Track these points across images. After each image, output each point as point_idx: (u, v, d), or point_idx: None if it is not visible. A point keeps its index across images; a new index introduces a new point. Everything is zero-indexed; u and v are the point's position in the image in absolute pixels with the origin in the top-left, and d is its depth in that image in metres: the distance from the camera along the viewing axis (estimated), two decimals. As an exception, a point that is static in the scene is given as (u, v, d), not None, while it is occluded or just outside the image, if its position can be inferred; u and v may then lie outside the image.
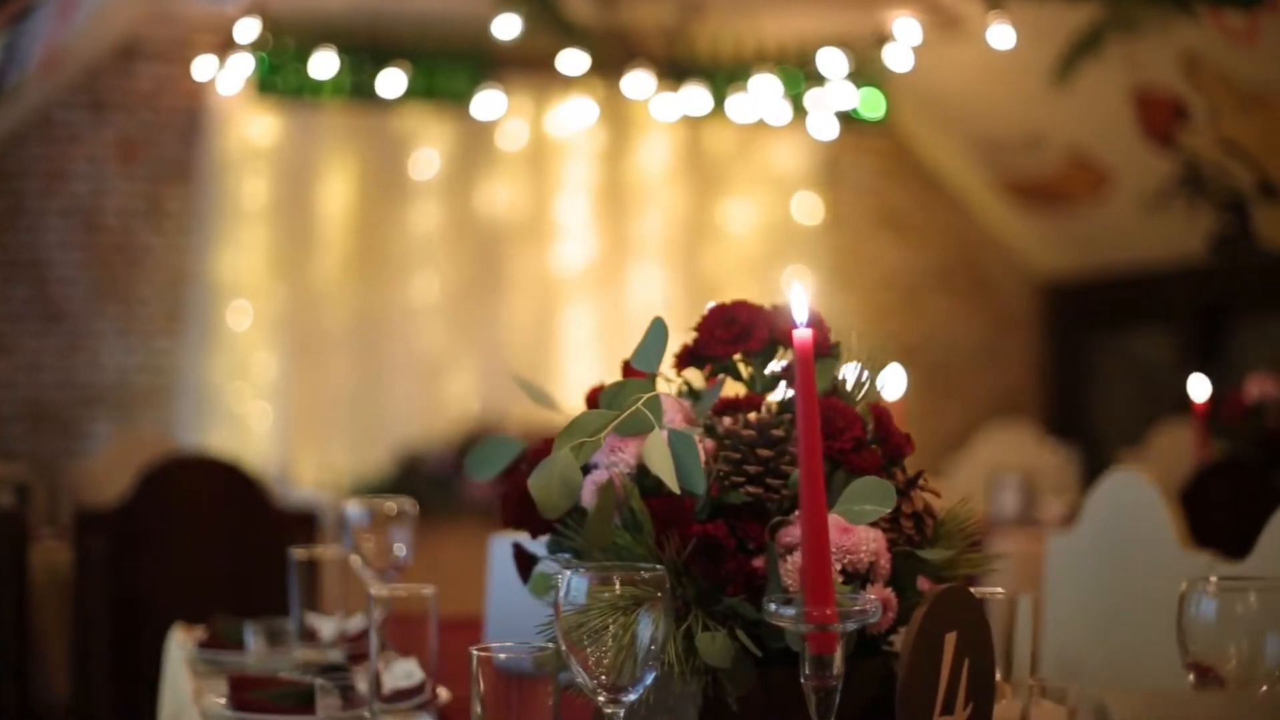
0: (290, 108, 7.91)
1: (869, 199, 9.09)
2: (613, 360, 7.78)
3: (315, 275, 7.96)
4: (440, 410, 7.97)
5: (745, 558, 1.89)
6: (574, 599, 1.70)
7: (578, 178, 8.38)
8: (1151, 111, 7.44)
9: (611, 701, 1.73)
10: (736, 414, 2.00)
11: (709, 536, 1.88)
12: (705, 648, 1.83)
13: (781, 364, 2.13)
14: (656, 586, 1.70)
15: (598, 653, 1.71)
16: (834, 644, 1.75)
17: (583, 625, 1.71)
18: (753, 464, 1.93)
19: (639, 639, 1.69)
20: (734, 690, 1.87)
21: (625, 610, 1.70)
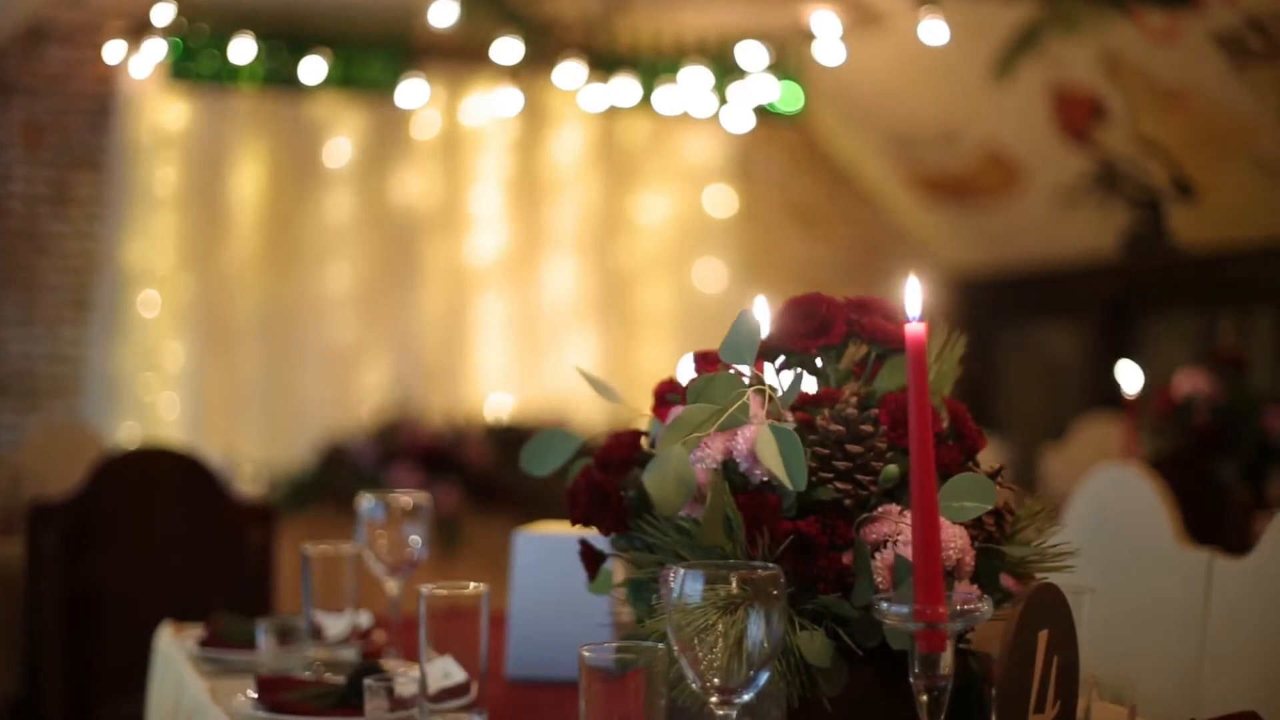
0: (203, 94, 7.77)
1: (780, 192, 9.10)
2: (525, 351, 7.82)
3: (226, 264, 7.83)
4: (354, 400, 7.88)
5: (836, 555, 1.86)
6: (687, 597, 1.66)
7: (492, 168, 8.32)
8: (1069, 109, 7.50)
9: (724, 704, 1.69)
10: (815, 409, 1.97)
11: (802, 534, 1.85)
12: (805, 647, 1.80)
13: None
14: (771, 585, 1.66)
15: (706, 653, 1.67)
16: (944, 643, 1.72)
17: (690, 624, 1.67)
18: (841, 460, 1.90)
19: (749, 638, 1.65)
20: (829, 690, 1.84)
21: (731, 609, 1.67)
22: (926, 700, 1.72)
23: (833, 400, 1.98)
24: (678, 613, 1.67)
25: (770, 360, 2.05)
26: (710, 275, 8.72)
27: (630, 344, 8.52)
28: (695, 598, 1.66)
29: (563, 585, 2.61)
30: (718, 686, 1.68)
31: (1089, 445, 6.67)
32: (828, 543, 1.86)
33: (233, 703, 2.38)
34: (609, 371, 8.37)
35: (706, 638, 1.67)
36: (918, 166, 8.70)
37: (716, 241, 8.77)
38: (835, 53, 6.93)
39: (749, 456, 1.86)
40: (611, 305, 8.50)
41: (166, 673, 2.82)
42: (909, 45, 7.40)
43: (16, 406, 7.68)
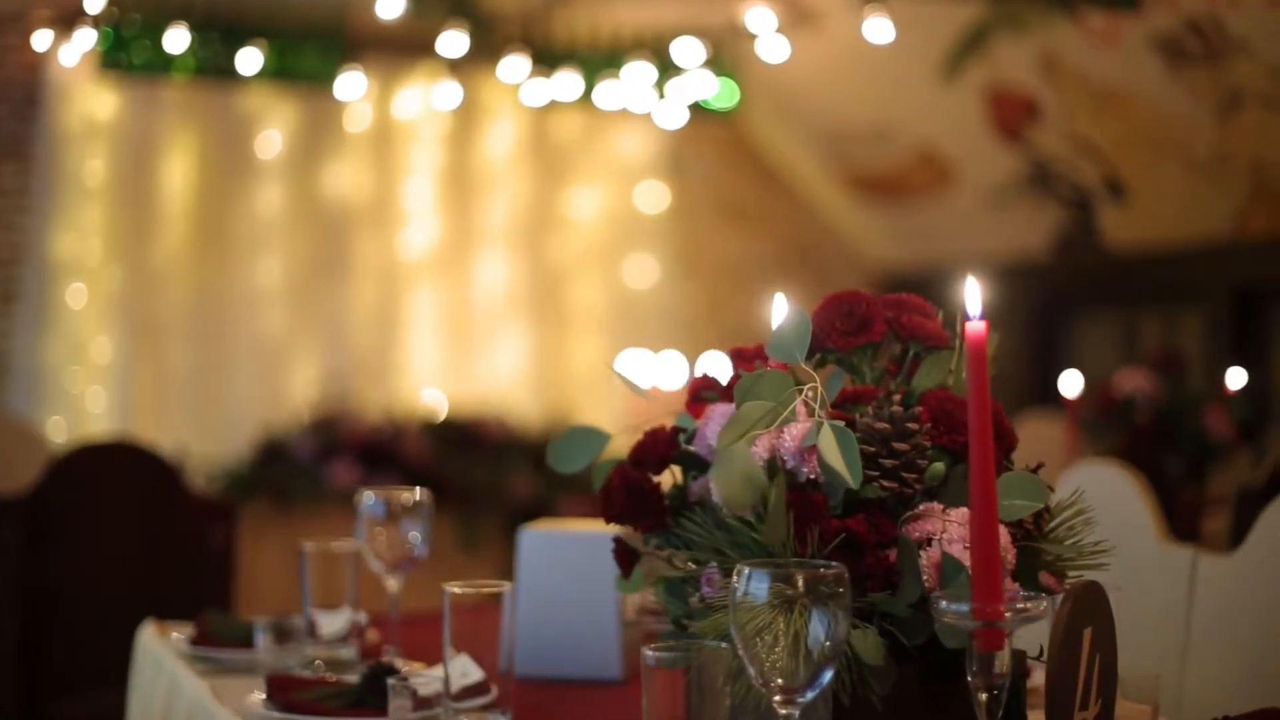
0: (134, 84, 7.67)
1: (711, 189, 9.11)
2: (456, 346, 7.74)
3: (156, 256, 7.73)
4: (286, 394, 7.80)
5: (883, 553, 1.86)
6: (753, 596, 1.65)
7: (424, 162, 8.27)
8: (1004, 109, 7.55)
9: (787, 702, 1.68)
10: (855, 407, 1.96)
11: (851, 532, 1.84)
12: (859, 645, 1.79)
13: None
14: (837, 583, 1.65)
15: (770, 652, 1.66)
16: (1003, 641, 1.72)
17: (751, 622, 1.66)
18: (887, 458, 1.89)
19: (814, 637, 1.64)
20: (880, 688, 1.83)
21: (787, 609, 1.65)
22: (986, 699, 1.72)
23: (871, 398, 1.98)
24: (741, 611, 1.66)
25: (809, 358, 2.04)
26: (641, 271, 8.71)
27: (562, 339, 8.49)
28: (760, 596, 1.64)
29: (567, 582, 2.60)
30: (780, 686, 1.67)
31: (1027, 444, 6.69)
32: (875, 541, 1.85)
33: (244, 703, 2.34)
34: (540, 367, 8.35)
35: (765, 636, 1.66)
36: (849, 164, 8.73)
37: (648, 237, 8.75)
38: (778, 49, 6.93)
39: (797, 454, 1.85)
40: (543, 301, 8.47)
41: (156, 672, 2.78)
42: (844, 43, 7.43)
43: (-60, 399, 7.56)
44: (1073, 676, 1.83)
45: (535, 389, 8.28)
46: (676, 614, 2.02)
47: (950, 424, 1.95)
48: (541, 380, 8.35)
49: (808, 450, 1.84)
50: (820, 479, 1.86)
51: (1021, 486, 1.87)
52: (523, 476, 7.22)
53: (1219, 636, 2.96)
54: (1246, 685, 2.88)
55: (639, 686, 2.57)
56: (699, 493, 1.98)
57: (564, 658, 2.58)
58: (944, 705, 1.92)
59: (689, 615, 1.99)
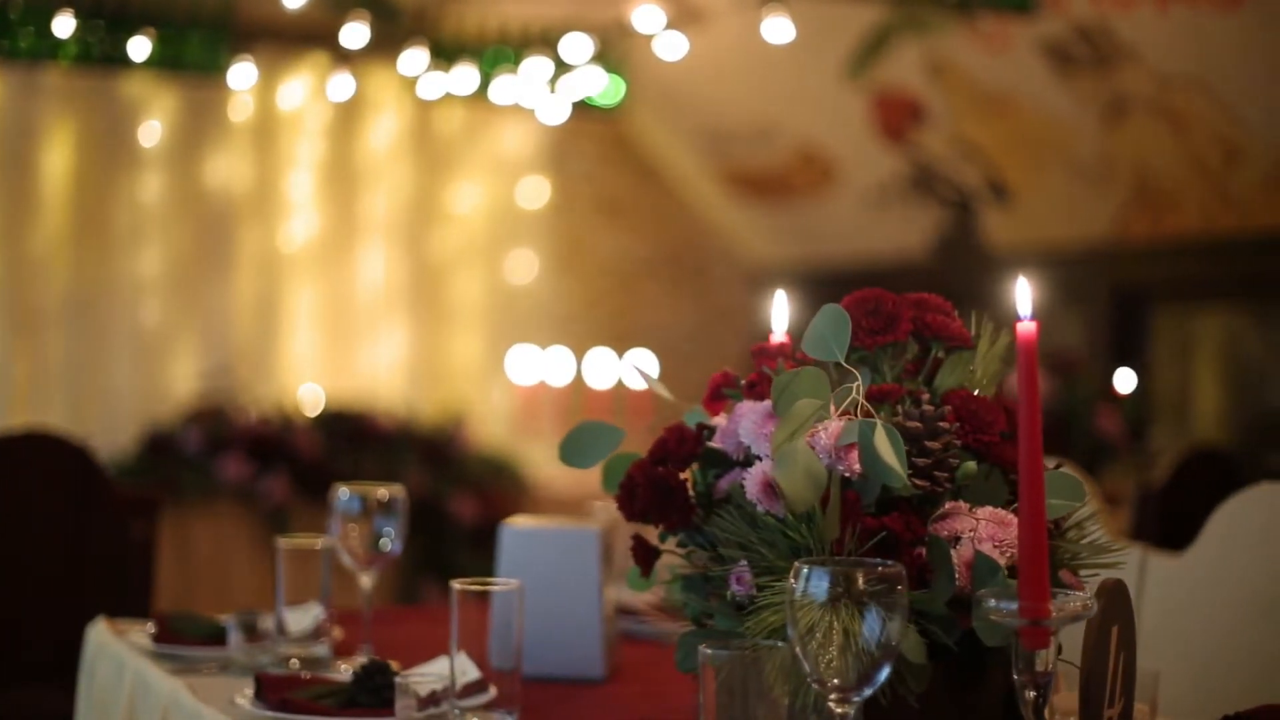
0: (15, 70, 7.50)
1: (590, 185, 9.10)
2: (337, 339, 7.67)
3: (34, 244, 7.57)
4: (166, 386, 7.67)
5: (917, 551, 1.87)
6: (812, 595, 1.65)
7: (306, 154, 8.17)
8: (889, 110, 7.62)
9: (842, 701, 1.68)
10: (879, 405, 1.97)
11: (888, 530, 1.85)
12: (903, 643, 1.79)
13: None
14: (897, 581, 1.66)
15: (825, 651, 1.66)
16: (1048, 639, 1.74)
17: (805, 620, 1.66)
18: (919, 456, 1.90)
19: (869, 636, 1.65)
20: (917, 686, 1.84)
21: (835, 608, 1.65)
22: (1032, 697, 1.74)
23: (894, 397, 1.98)
24: (799, 610, 1.65)
25: (831, 356, 2.05)
26: (522, 266, 8.68)
27: (441, 334, 8.44)
28: (820, 595, 1.64)
29: (548, 579, 2.58)
30: (836, 685, 1.67)
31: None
32: (912, 539, 1.86)
33: (233, 701, 2.30)
34: (420, 361, 8.30)
35: (819, 635, 1.66)
36: (730, 162, 8.76)
37: (528, 233, 8.73)
38: (674, 45, 6.94)
39: (832, 451, 1.85)
40: (423, 295, 8.41)
41: (116, 671, 2.71)
42: (726, 41, 7.47)
43: None
44: (1104, 674, 1.85)
45: (416, 382, 8.22)
46: (696, 612, 2.01)
47: (976, 423, 1.96)
48: (423, 374, 8.30)
49: (844, 448, 1.85)
50: (854, 477, 1.86)
51: (1062, 486, 1.90)
52: (414, 471, 7.16)
53: (1168, 636, 3.01)
54: (1196, 685, 2.93)
55: (621, 685, 2.58)
56: (727, 490, 1.97)
57: (545, 656, 2.56)
58: (973, 703, 1.93)
59: (709, 613, 1.99)
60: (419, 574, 7.03)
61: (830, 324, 1.92)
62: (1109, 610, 1.86)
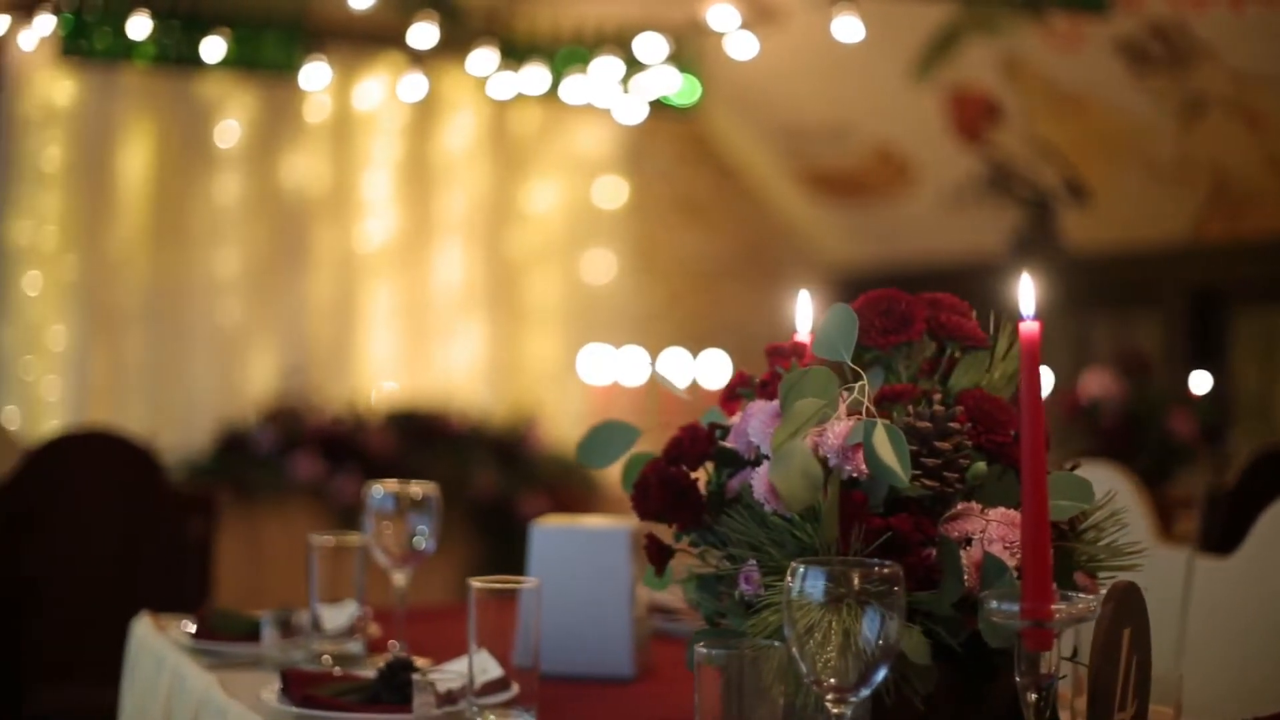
0: (93, 70, 7.60)
1: (668, 185, 9.11)
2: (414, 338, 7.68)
3: (113, 244, 7.67)
4: (243, 385, 7.75)
5: (925, 552, 1.86)
6: (809, 594, 1.64)
7: (383, 153, 8.23)
8: (964, 109, 7.57)
9: (839, 701, 1.68)
10: (892, 405, 1.96)
11: (896, 531, 1.84)
12: (905, 644, 1.79)
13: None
14: (894, 582, 1.65)
15: (823, 651, 1.65)
16: (1051, 641, 1.73)
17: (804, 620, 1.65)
18: (929, 456, 1.89)
19: (866, 636, 1.64)
20: (923, 687, 1.83)
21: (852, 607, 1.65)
22: (1034, 699, 1.73)
23: (908, 397, 1.98)
24: (797, 610, 1.65)
25: (847, 356, 2.04)
26: (599, 266, 8.70)
27: (518, 333, 8.47)
28: (816, 595, 1.64)
29: (578, 578, 2.59)
30: (833, 685, 1.66)
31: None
32: (920, 540, 1.85)
33: (257, 698, 2.32)
34: (497, 360, 8.33)
35: (817, 635, 1.65)
36: (807, 162, 8.74)
37: (605, 232, 8.75)
38: (745, 45, 6.92)
39: (839, 451, 1.85)
40: (500, 294, 8.45)
41: (156, 666, 2.74)
42: (805, 41, 7.44)
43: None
44: (1114, 677, 1.84)
45: (492, 382, 8.26)
46: (709, 611, 2.01)
47: (989, 424, 1.95)
48: (498, 373, 8.33)
49: (851, 448, 1.84)
50: (862, 477, 1.86)
51: (1069, 487, 1.88)
52: (485, 470, 7.19)
53: (1214, 638, 2.98)
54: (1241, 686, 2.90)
55: (651, 684, 2.58)
56: (738, 489, 1.97)
57: (575, 655, 2.56)
58: (980, 705, 1.92)
59: (722, 613, 1.99)
60: (487, 573, 7.04)
61: (838, 324, 1.92)
62: (1119, 613, 1.85)
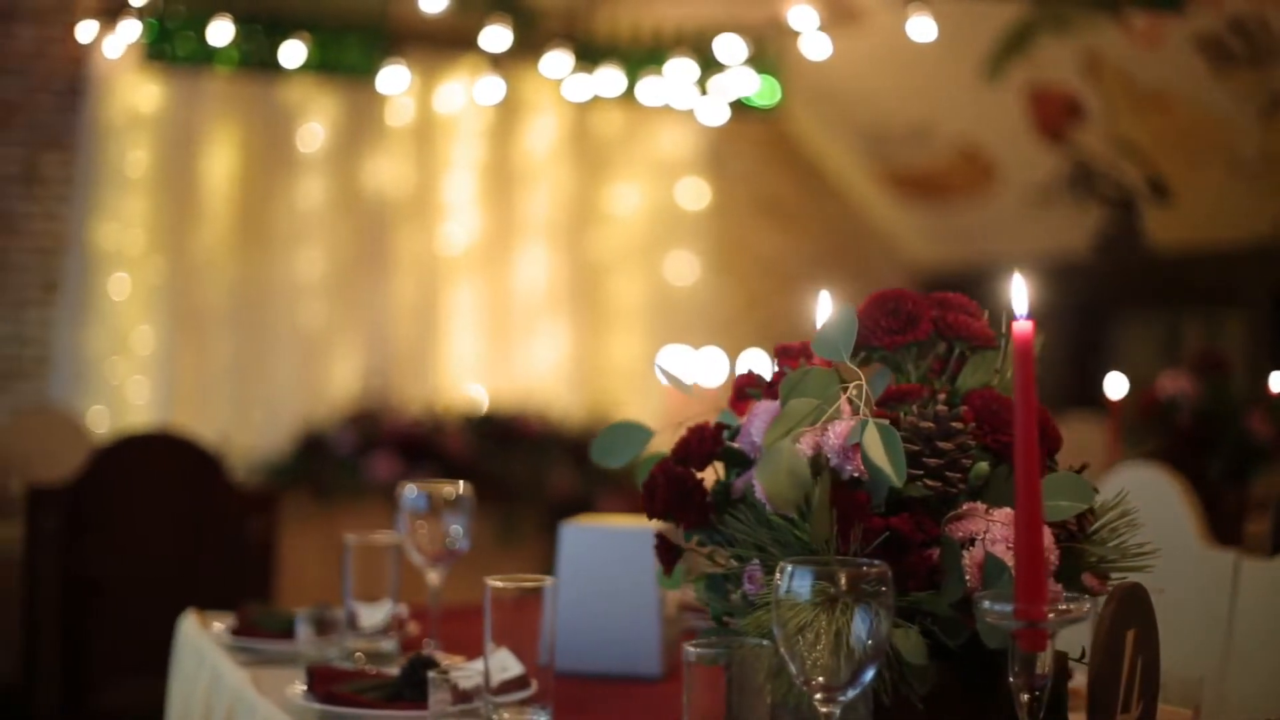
0: (177, 76, 7.70)
1: (751, 186, 9.11)
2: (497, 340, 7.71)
3: (198, 247, 7.77)
4: (326, 388, 7.83)
5: (926, 552, 1.85)
6: (796, 593, 1.65)
7: (466, 156, 8.28)
8: (1045, 108, 7.52)
9: (828, 700, 1.68)
10: (899, 405, 1.96)
11: (895, 530, 1.84)
12: (901, 644, 1.79)
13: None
14: (881, 582, 1.65)
15: (811, 650, 1.66)
16: (1045, 642, 1.72)
17: (794, 620, 1.66)
18: (931, 457, 1.89)
19: (857, 636, 1.64)
20: (921, 688, 1.83)
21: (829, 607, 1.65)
22: (1027, 700, 1.72)
23: (915, 397, 1.97)
24: (784, 609, 1.66)
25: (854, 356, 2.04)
26: (681, 267, 8.71)
27: (601, 335, 8.50)
28: (804, 594, 1.64)
29: (607, 577, 2.60)
30: (822, 684, 1.67)
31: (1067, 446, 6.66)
32: (920, 540, 1.85)
33: (284, 694, 2.35)
34: (580, 362, 8.36)
35: (807, 634, 1.66)
36: (889, 163, 8.71)
37: (688, 234, 8.76)
38: (821, 46, 6.91)
39: (840, 451, 1.85)
40: (583, 296, 8.48)
41: (198, 662, 2.78)
42: (885, 41, 7.42)
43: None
44: (1115, 678, 1.83)
45: (575, 384, 8.29)
46: (718, 611, 2.02)
47: (995, 424, 1.94)
48: (581, 375, 8.36)
49: (852, 448, 1.84)
50: (864, 477, 1.86)
51: (1067, 487, 1.87)
52: (563, 471, 7.22)
53: (1261, 640, 2.95)
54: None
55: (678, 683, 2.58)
56: (742, 489, 1.97)
57: (604, 653, 2.58)
58: (983, 705, 1.92)
59: (729, 612, 1.99)
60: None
61: (838, 324, 1.92)
62: (1122, 614, 1.84)
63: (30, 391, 7.58)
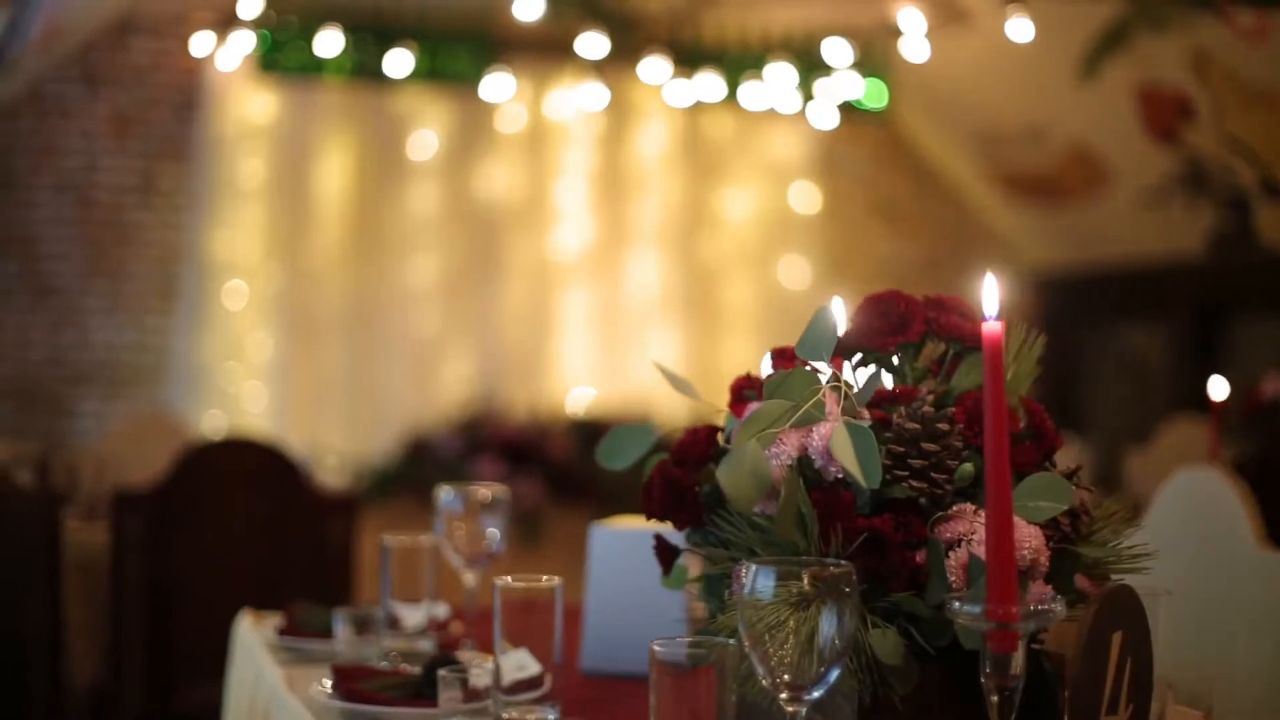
0: (290, 86, 7.84)
1: (864, 189, 9.08)
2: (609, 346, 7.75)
3: (311, 255, 7.89)
4: (439, 393, 7.92)
5: (909, 553, 1.86)
6: (758, 593, 1.66)
7: (577, 162, 8.34)
8: (1155, 108, 7.44)
9: (794, 700, 1.69)
10: (891, 407, 1.97)
11: (875, 531, 1.85)
12: (878, 645, 1.80)
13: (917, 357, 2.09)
14: (844, 582, 1.66)
15: (776, 649, 1.67)
16: (1016, 643, 1.72)
17: (763, 620, 1.67)
18: (917, 458, 1.89)
19: (821, 635, 1.65)
20: (900, 688, 1.83)
21: (802, 606, 1.67)
22: (998, 700, 1.72)
23: (910, 398, 1.98)
24: (749, 608, 1.67)
25: (848, 358, 2.05)
26: (793, 272, 8.70)
27: (713, 340, 8.52)
28: (767, 594, 1.66)
29: (638, 579, 2.61)
30: (788, 683, 1.68)
31: (1173, 447, 6.60)
32: (901, 540, 1.85)
33: (309, 691, 2.39)
34: (692, 367, 8.37)
35: (778, 634, 1.67)
36: (1002, 164, 8.65)
37: (800, 238, 8.75)
38: (920, 49, 6.89)
39: (824, 453, 1.86)
40: (695, 301, 8.50)
41: (246, 661, 2.85)
42: (995, 42, 7.36)
43: (101, 395, 7.77)
44: (1097, 680, 1.82)
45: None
46: (713, 611, 2.04)
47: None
48: (692, 381, 8.32)
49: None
50: (849, 478, 1.87)
51: (1047, 487, 1.87)
52: (664, 475, 7.24)
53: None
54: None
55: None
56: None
57: (631, 654, 2.59)
58: (969, 706, 1.92)
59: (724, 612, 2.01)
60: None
61: (819, 326, 1.93)
62: (1106, 615, 1.83)
63: (147, 398, 7.74)
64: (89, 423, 7.67)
